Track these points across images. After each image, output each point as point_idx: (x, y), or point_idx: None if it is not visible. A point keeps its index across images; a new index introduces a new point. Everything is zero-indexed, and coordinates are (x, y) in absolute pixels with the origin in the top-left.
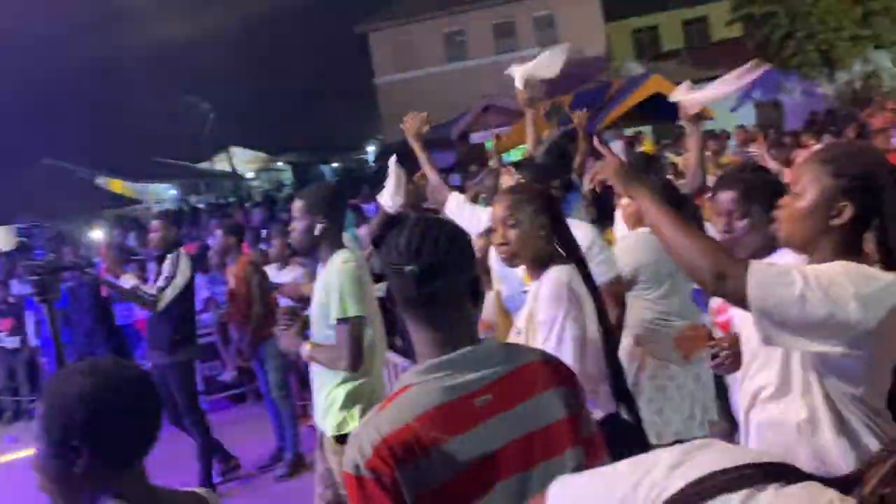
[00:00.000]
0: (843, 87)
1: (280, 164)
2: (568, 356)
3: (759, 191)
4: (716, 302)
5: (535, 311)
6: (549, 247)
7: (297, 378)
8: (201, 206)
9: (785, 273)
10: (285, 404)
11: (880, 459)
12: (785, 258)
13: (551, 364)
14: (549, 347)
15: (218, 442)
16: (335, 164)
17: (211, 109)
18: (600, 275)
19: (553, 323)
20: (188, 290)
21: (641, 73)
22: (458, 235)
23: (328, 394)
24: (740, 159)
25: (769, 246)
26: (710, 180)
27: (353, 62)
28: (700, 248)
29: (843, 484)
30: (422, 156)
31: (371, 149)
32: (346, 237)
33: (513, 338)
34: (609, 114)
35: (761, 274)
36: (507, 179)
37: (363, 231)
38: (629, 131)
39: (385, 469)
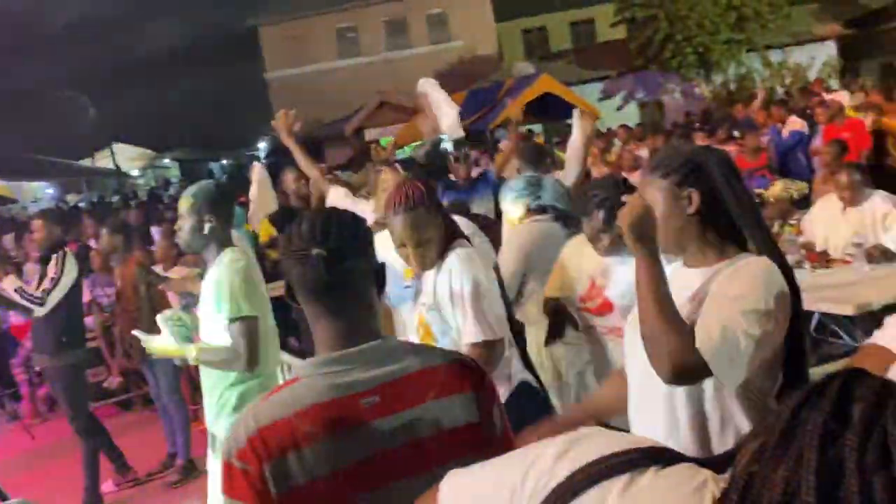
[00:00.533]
0: (719, 88)
1: (167, 160)
2: (491, 328)
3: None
4: (583, 289)
5: (446, 291)
6: (445, 235)
7: (188, 381)
8: (82, 204)
9: (732, 338)
10: (178, 408)
11: (751, 439)
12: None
13: (459, 367)
14: (469, 320)
15: (118, 451)
16: (225, 161)
17: (90, 104)
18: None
19: (467, 297)
20: (75, 291)
21: (532, 72)
22: (359, 222)
23: (220, 396)
24: (626, 155)
25: None
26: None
27: (244, 57)
28: (667, 342)
29: (718, 464)
30: (297, 153)
31: (262, 145)
32: (236, 235)
33: (425, 316)
34: (501, 112)
35: (711, 353)
36: (388, 176)
37: None
38: (521, 129)
39: (254, 461)
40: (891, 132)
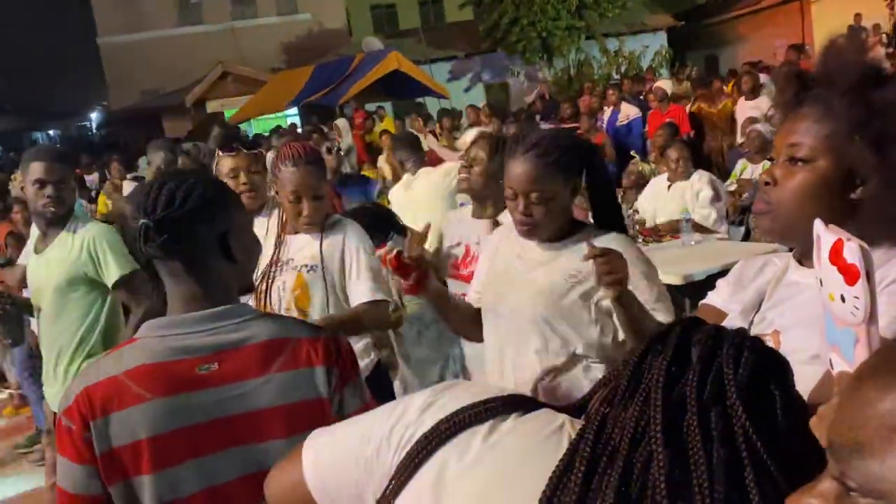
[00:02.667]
0: (560, 73)
1: None
2: (383, 290)
3: None
4: (459, 255)
5: (336, 253)
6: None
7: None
8: None
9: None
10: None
11: (602, 385)
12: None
13: (314, 341)
14: (365, 281)
15: None
16: (52, 132)
17: None
18: None
19: (363, 260)
20: None
21: (381, 48)
22: (202, 190)
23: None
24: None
25: None
26: (447, 154)
27: (72, 19)
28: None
29: (575, 409)
30: None
31: (94, 115)
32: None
33: (304, 276)
34: (350, 88)
35: None
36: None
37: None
38: (371, 106)
39: (77, 420)
40: (708, 118)
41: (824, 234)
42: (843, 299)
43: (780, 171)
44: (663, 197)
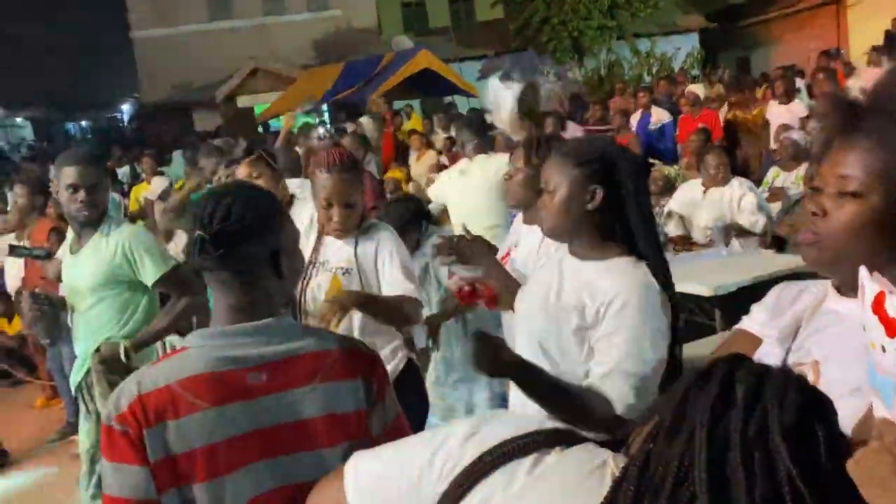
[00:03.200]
0: (591, 73)
1: (19, 119)
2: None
3: None
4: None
5: (370, 256)
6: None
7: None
8: None
9: (644, 374)
10: None
11: (644, 421)
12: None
13: (352, 353)
14: (402, 280)
15: None
16: (84, 123)
17: None
18: None
19: (399, 261)
20: None
21: (410, 47)
22: (258, 205)
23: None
24: (499, 139)
25: None
26: None
27: (106, 11)
28: (592, 423)
29: (617, 444)
30: None
31: (126, 107)
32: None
33: (340, 279)
34: (380, 86)
35: (632, 401)
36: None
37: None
38: (399, 104)
39: (133, 425)
40: (742, 124)
41: (868, 283)
42: (883, 349)
43: (829, 202)
44: (697, 203)
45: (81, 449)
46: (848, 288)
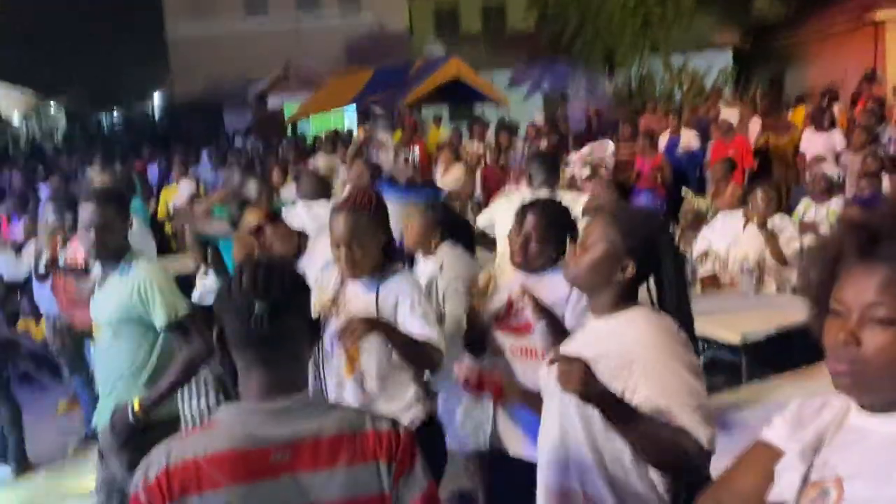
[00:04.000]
0: (621, 87)
1: (53, 108)
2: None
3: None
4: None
5: (391, 304)
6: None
7: None
8: None
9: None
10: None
11: None
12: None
13: (379, 435)
14: (426, 328)
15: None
16: (115, 114)
17: None
18: None
19: (420, 311)
20: None
21: (441, 55)
22: (299, 276)
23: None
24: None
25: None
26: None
27: (141, 4)
28: (675, 455)
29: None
30: None
31: (157, 101)
32: (137, 221)
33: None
34: (409, 93)
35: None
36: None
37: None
38: (427, 111)
39: (158, 499)
40: (776, 151)
41: None
42: None
43: (862, 331)
44: (737, 236)
45: (96, 482)
46: (878, 408)
